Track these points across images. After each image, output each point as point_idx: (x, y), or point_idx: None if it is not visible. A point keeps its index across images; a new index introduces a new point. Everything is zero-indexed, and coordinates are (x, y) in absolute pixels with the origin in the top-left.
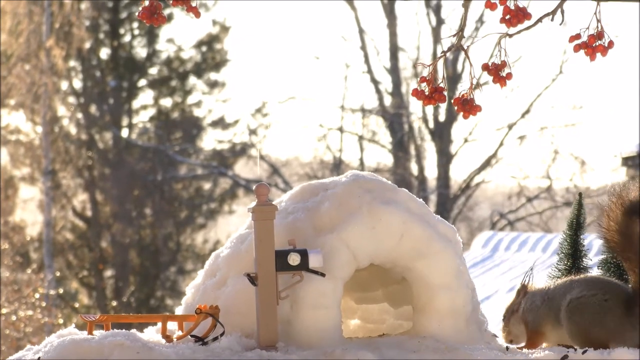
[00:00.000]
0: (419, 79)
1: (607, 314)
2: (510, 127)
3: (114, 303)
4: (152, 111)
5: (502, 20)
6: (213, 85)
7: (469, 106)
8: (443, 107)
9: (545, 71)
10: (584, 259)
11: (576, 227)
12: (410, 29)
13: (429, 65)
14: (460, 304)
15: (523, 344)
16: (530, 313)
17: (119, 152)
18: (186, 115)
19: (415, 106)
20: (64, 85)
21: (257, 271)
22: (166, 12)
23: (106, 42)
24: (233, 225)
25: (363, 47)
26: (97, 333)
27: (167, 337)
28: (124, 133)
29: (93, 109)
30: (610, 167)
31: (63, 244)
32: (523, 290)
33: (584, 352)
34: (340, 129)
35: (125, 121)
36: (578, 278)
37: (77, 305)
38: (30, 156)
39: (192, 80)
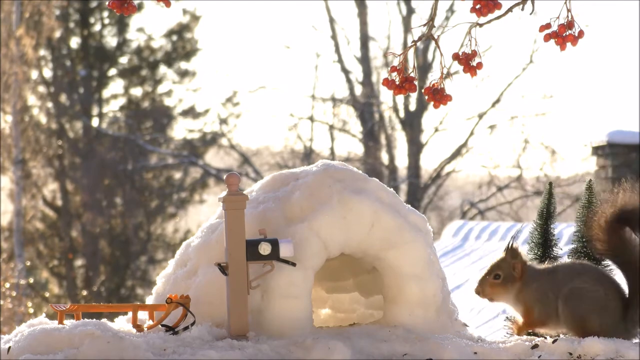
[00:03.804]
0: (389, 68)
1: (606, 308)
2: (480, 116)
3: (85, 292)
4: (122, 100)
5: (473, 9)
6: (183, 74)
7: (439, 95)
8: (414, 96)
9: (516, 60)
10: (554, 248)
11: (546, 217)
12: (380, 18)
13: (399, 55)
14: (431, 294)
15: (516, 326)
16: (540, 304)
17: (89, 142)
18: (156, 105)
19: (385, 95)
20: (34, 74)
21: (227, 261)
22: (136, 1)
23: (76, 31)
24: (204, 215)
25: (333, 37)
26: (68, 322)
27: (138, 327)
28: (94, 122)
29: (63, 98)
30: (580, 156)
31: (33, 234)
32: (513, 254)
33: (554, 341)
34: (311, 119)
35: (95, 110)
36: (584, 268)
37: (47, 294)
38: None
39: (163, 69)
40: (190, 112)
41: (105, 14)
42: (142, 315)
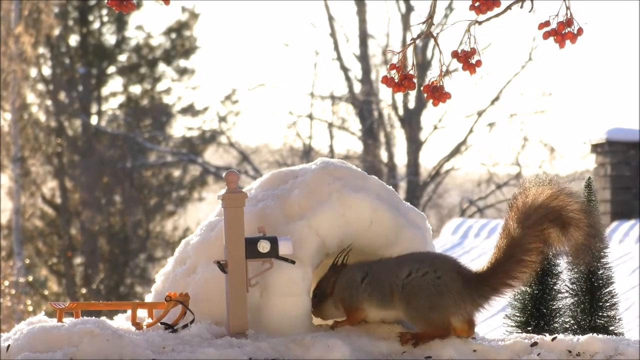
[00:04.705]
0: (388, 66)
1: (444, 294)
2: (479, 114)
3: (84, 290)
4: (121, 98)
5: (472, 7)
6: (182, 72)
7: (438, 93)
8: (413, 94)
9: (515, 58)
10: None
11: None
12: (379, 16)
13: (398, 53)
14: None
15: (343, 320)
16: (348, 290)
17: (88, 140)
18: (155, 103)
19: (384, 93)
20: (33, 72)
21: (227, 258)
22: None
23: (75, 29)
24: (203, 213)
25: (332, 34)
26: (67, 320)
27: (137, 325)
28: (93, 120)
29: (62, 96)
30: (579, 154)
31: (32, 232)
32: (338, 269)
33: (553, 339)
34: (310, 116)
35: (94, 108)
36: (403, 256)
37: (46, 292)
38: None
39: (162, 67)
40: (190, 110)
41: (104, 11)
42: (142, 313)
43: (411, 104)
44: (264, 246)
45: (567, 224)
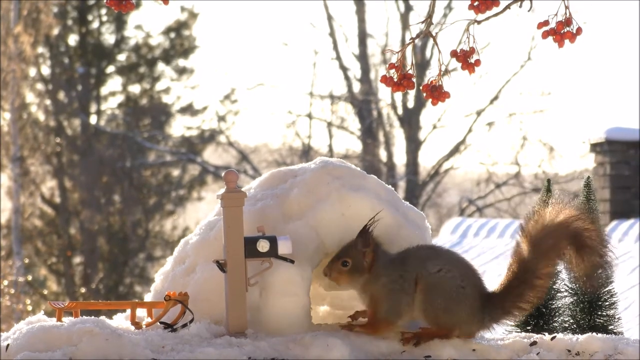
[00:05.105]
0: (387, 65)
1: (460, 304)
2: (478, 113)
3: (83, 290)
4: (120, 98)
5: (471, 6)
6: (181, 71)
7: (437, 93)
8: (412, 93)
9: (514, 58)
10: None
11: None
12: (378, 15)
13: (397, 52)
14: None
15: (362, 323)
16: (390, 296)
17: (87, 139)
18: (155, 102)
19: (384, 93)
20: (32, 71)
21: (226, 258)
22: None
23: (74, 29)
24: (202, 212)
25: (332, 34)
26: (66, 320)
27: (136, 324)
28: (93, 120)
29: (61, 95)
30: (578, 153)
31: (32, 231)
32: (364, 242)
33: (552, 338)
34: (309, 116)
35: (93, 108)
36: (436, 252)
37: (45, 292)
38: None
39: (161, 66)
40: (189, 110)
41: (103, 11)
42: (141, 312)
43: (410, 104)
44: (263, 245)
45: (581, 249)
